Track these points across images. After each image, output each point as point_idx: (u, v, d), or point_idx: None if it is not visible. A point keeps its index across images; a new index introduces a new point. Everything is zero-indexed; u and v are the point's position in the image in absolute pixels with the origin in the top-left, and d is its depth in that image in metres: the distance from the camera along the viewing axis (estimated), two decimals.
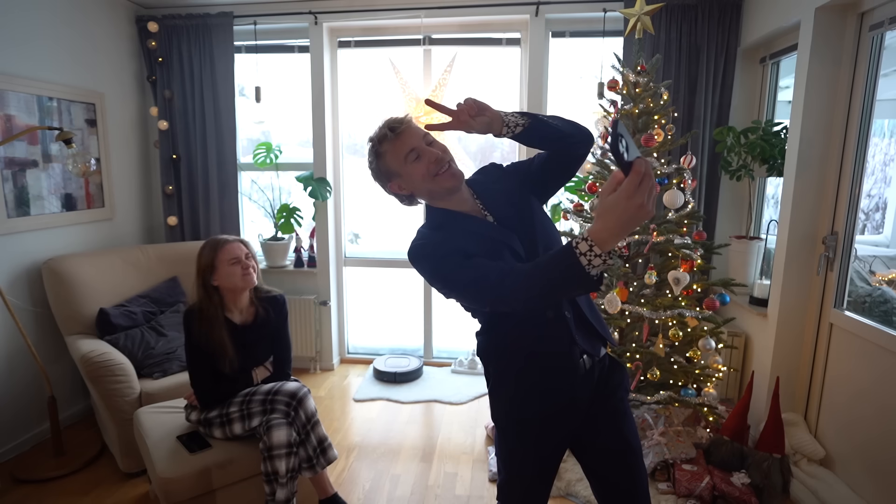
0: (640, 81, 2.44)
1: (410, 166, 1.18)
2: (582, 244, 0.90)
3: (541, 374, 1.21)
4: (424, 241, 1.18)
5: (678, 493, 2.10)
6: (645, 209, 0.85)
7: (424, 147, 1.18)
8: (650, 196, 0.85)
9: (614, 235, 0.88)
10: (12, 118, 2.45)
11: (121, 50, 3.15)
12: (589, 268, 0.90)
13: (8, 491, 2.21)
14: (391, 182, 1.23)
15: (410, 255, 1.17)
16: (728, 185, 2.89)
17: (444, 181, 1.18)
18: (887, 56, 2.02)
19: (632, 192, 0.84)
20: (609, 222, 0.87)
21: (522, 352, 1.22)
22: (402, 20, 3.14)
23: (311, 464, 1.83)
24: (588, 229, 0.91)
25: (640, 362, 2.35)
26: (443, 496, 2.22)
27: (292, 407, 1.81)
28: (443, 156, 1.18)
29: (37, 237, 2.61)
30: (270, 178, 3.48)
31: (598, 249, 0.89)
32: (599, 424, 1.25)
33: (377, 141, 1.21)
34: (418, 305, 3.60)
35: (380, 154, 1.21)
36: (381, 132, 1.21)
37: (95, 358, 2.19)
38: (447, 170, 1.18)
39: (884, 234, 2.51)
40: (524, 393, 1.22)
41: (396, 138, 1.18)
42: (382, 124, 1.21)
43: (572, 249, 0.91)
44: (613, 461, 1.25)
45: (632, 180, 0.84)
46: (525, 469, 1.27)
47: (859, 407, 2.05)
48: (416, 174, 1.18)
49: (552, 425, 1.23)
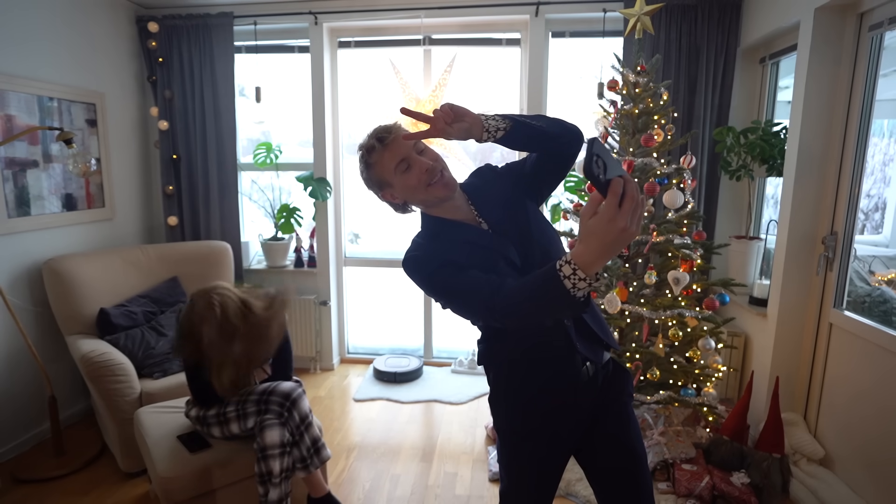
0: (640, 81, 2.44)
1: (401, 177, 1.16)
2: (565, 267, 0.87)
3: (542, 384, 1.19)
4: (417, 253, 1.17)
5: (678, 493, 2.10)
6: (628, 232, 0.81)
7: (415, 157, 1.15)
8: (634, 217, 0.81)
9: (597, 259, 0.85)
10: (13, 118, 2.45)
11: (121, 50, 3.15)
12: (574, 290, 0.87)
13: (8, 490, 2.21)
14: (383, 191, 1.22)
15: (405, 266, 1.17)
16: (728, 185, 2.89)
17: (436, 191, 1.16)
18: (887, 56, 2.02)
19: (612, 216, 0.80)
20: (591, 246, 0.84)
21: (522, 361, 1.20)
22: (402, 20, 3.14)
23: (304, 464, 1.84)
24: (571, 252, 0.88)
25: (639, 362, 2.35)
26: (443, 496, 2.22)
27: (286, 407, 1.81)
28: (434, 165, 1.15)
29: (37, 237, 2.61)
30: (270, 178, 3.49)
31: (582, 273, 0.86)
32: (603, 430, 1.23)
33: (366, 151, 1.18)
34: (418, 305, 3.60)
35: (369, 164, 1.19)
36: (369, 142, 1.18)
37: (96, 358, 2.19)
38: (439, 179, 1.15)
39: (883, 234, 2.52)
40: (525, 404, 1.20)
41: (385, 149, 1.15)
42: (371, 133, 1.19)
43: (556, 272, 0.88)
44: (617, 467, 1.22)
45: (610, 203, 0.80)
46: (527, 480, 1.25)
47: (859, 407, 2.06)
48: (407, 184, 1.16)
49: (555, 438, 1.21)
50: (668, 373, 2.35)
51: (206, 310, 1.73)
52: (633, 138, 2.50)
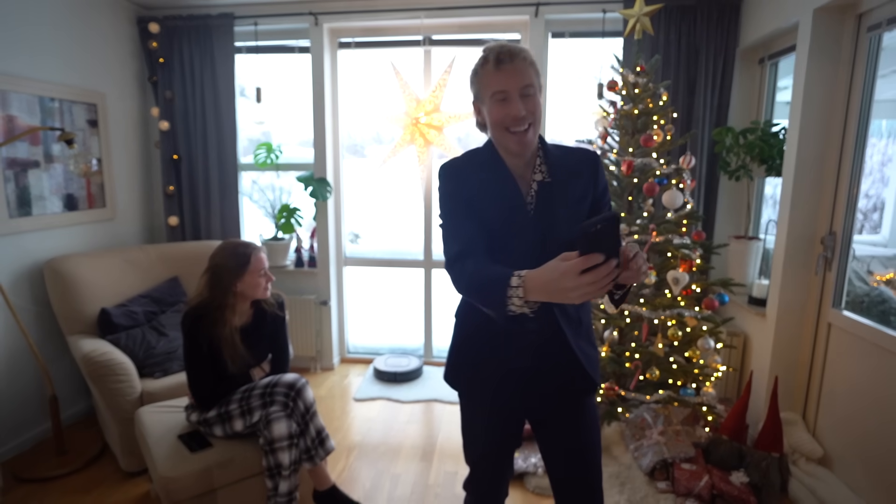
0: (640, 82, 2.45)
1: (492, 104, 1.13)
2: (514, 279, 0.90)
3: (499, 354, 1.23)
4: (452, 166, 1.20)
5: (677, 493, 2.10)
6: (568, 295, 0.85)
7: (514, 97, 1.10)
8: (583, 290, 0.83)
9: (538, 291, 0.88)
10: (14, 119, 2.46)
11: (122, 51, 3.16)
12: (508, 302, 0.90)
13: (10, 490, 2.22)
14: (476, 101, 1.20)
15: (440, 170, 1.22)
16: (727, 185, 2.90)
17: (511, 142, 1.13)
18: (885, 57, 2.03)
19: (568, 274, 0.83)
20: (543, 278, 0.88)
21: (488, 327, 1.22)
22: (403, 21, 3.14)
23: (309, 455, 1.85)
24: (528, 271, 0.90)
25: (639, 362, 2.36)
26: (443, 495, 2.22)
27: (291, 398, 1.82)
28: (525, 116, 1.11)
29: (38, 237, 2.62)
30: (271, 179, 3.49)
31: (523, 292, 0.89)
32: (558, 417, 1.27)
33: (480, 62, 1.15)
34: (418, 305, 3.60)
35: (477, 73, 1.16)
36: (486, 55, 1.13)
37: (97, 357, 2.20)
38: (521, 132, 1.11)
39: (882, 234, 2.52)
40: (474, 367, 1.28)
41: (497, 71, 1.11)
42: (494, 47, 1.13)
43: (508, 277, 0.92)
44: (568, 454, 1.27)
45: (576, 264, 0.84)
46: (475, 431, 1.35)
47: (857, 406, 2.06)
48: (492, 115, 1.13)
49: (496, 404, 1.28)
50: (668, 372, 2.36)
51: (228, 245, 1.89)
52: (633, 138, 2.51)
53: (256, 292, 1.87)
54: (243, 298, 1.89)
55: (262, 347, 1.98)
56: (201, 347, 1.82)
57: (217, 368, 1.85)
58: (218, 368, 1.85)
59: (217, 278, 1.83)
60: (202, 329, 1.82)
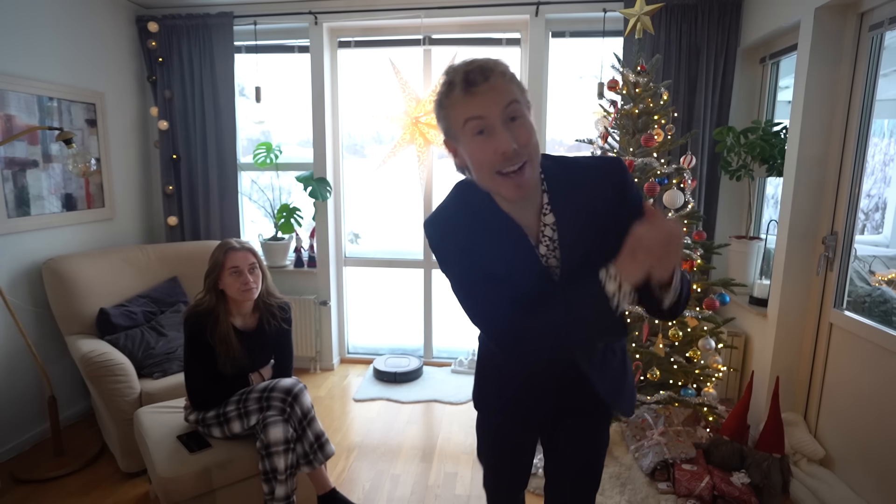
0: (640, 81, 2.44)
1: (470, 141, 0.84)
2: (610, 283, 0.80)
3: (522, 379, 1.17)
4: (443, 221, 0.95)
5: (678, 493, 2.10)
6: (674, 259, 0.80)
7: (497, 125, 0.82)
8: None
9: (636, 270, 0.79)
10: (12, 118, 2.45)
11: (121, 50, 3.15)
12: (614, 305, 0.80)
13: (8, 491, 2.21)
14: (448, 138, 0.92)
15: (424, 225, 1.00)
16: (728, 185, 2.89)
17: (505, 187, 0.85)
18: (887, 56, 2.02)
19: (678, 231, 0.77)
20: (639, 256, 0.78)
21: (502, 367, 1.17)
22: (402, 20, 3.14)
23: (308, 459, 1.84)
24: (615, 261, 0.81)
25: (640, 362, 2.36)
26: (443, 496, 2.22)
27: (287, 403, 1.81)
28: (518, 150, 0.82)
29: (37, 237, 2.61)
30: (270, 178, 3.48)
31: (618, 280, 0.80)
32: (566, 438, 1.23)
33: (445, 90, 0.86)
34: (418, 305, 3.60)
35: (443, 105, 0.88)
36: (451, 78, 0.85)
37: (95, 358, 2.19)
38: (515, 173, 0.84)
39: (883, 234, 2.52)
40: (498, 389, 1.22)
41: (466, 95, 0.82)
42: (459, 67, 0.86)
43: (598, 284, 0.80)
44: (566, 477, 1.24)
45: (672, 220, 0.80)
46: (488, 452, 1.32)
47: (859, 407, 2.06)
48: (473, 156, 0.85)
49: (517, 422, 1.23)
50: (669, 373, 2.35)
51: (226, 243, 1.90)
52: (634, 138, 2.50)
53: (231, 291, 1.85)
54: (234, 300, 1.88)
55: (262, 354, 1.97)
56: (199, 347, 1.82)
57: (214, 370, 1.85)
58: (215, 370, 1.85)
59: (206, 279, 1.87)
60: (201, 328, 1.82)
